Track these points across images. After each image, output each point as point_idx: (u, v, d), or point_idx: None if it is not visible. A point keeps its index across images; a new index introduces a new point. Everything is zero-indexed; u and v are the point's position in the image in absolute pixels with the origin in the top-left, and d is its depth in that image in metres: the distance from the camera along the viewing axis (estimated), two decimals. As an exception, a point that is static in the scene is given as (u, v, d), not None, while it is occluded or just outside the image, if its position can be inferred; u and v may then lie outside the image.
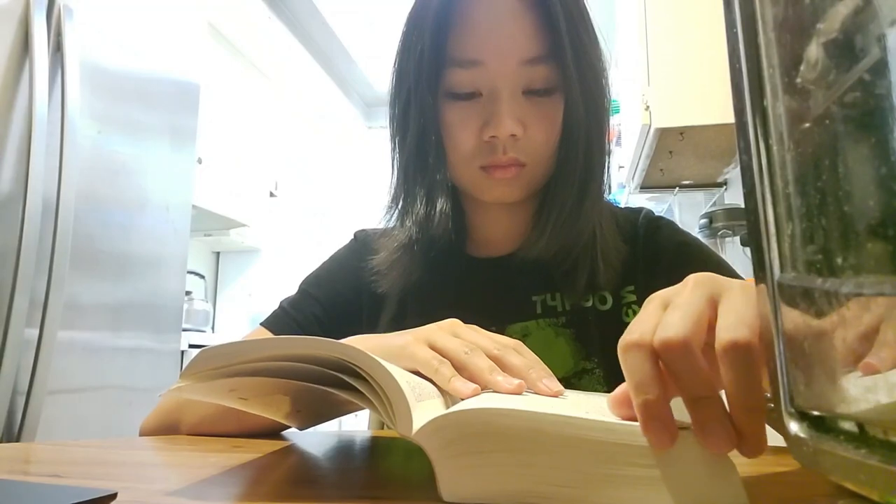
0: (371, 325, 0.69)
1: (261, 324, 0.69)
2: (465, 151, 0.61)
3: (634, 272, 0.64)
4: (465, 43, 0.58)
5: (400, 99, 0.64)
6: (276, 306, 0.72)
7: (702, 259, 0.65)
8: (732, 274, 0.63)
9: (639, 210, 0.71)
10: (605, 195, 0.65)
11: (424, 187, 0.63)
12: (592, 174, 0.62)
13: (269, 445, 0.48)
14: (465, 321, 0.64)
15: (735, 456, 0.26)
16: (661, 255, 0.65)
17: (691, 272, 0.53)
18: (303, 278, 0.74)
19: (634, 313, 0.63)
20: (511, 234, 0.68)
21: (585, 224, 0.61)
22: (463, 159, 0.61)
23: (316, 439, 0.52)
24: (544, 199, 0.63)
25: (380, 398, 0.31)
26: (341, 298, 0.70)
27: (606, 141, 0.63)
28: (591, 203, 0.61)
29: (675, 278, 0.55)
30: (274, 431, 0.54)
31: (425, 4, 0.60)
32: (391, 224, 0.69)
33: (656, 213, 0.71)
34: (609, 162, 0.64)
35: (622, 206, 0.78)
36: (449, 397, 0.39)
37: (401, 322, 0.66)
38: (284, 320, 0.69)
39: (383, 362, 0.32)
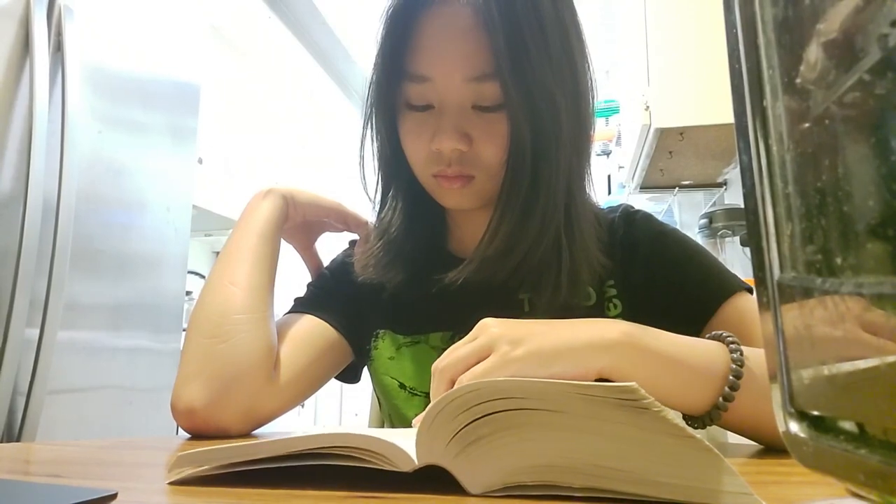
0: (376, 313, 0.72)
1: (284, 313, 0.72)
2: (419, 159, 0.63)
3: (613, 266, 0.66)
4: (418, 58, 0.60)
5: (367, 105, 0.68)
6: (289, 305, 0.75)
7: (679, 247, 0.67)
8: (708, 260, 0.66)
9: (617, 207, 0.73)
10: (584, 206, 0.65)
11: (401, 190, 0.69)
12: (538, 192, 0.60)
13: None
14: (456, 318, 0.66)
15: (734, 456, 0.26)
16: (637, 247, 0.67)
17: (669, 260, 0.57)
18: (302, 281, 0.78)
19: (616, 307, 0.66)
20: None
21: (534, 242, 0.61)
22: (418, 166, 0.64)
23: (316, 439, 0.52)
24: (492, 218, 0.62)
25: (372, 454, 0.33)
26: (350, 288, 0.73)
27: (558, 157, 0.60)
28: (537, 221, 0.60)
29: (652, 267, 0.58)
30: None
31: (390, 17, 0.62)
32: (377, 221, 0.72)
33: (648, 212, 0.73)
34: (562, 178, 0.61)
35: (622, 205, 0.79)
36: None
37: (400, 316, 0.71)
38: (314, 299, 0.74)
39: (373, 433, 0.33)
